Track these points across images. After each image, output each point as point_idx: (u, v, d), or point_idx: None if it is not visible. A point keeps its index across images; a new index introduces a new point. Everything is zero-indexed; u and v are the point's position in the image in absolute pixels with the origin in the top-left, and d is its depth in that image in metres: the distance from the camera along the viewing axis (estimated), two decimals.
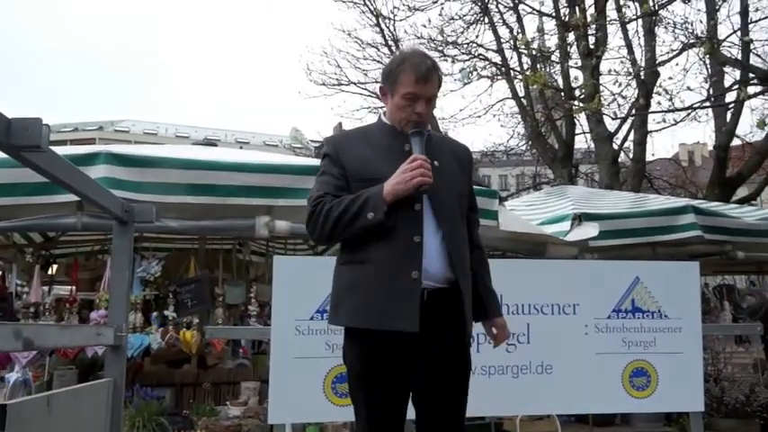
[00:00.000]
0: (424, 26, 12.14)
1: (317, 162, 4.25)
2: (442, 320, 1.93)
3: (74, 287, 5.33)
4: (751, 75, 8.26)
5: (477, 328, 2.20)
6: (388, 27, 12.02)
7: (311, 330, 3.14)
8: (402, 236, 1.90)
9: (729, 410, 4.86)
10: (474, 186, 2.28)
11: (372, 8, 11.89)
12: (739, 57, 8.48)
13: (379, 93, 2.22)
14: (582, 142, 11.76)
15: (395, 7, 11.74)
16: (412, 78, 1.98)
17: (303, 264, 3.62)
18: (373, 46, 12.34)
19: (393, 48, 12.10)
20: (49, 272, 5.79)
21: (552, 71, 11.75)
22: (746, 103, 9.42)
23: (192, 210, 3.64)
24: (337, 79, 12.59)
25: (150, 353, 4.90)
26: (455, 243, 1.97)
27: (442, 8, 12.77)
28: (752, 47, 8.65)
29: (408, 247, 1.90)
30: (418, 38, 11.71)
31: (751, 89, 8.21)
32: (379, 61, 12.41)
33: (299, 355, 3.10)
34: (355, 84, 12.64)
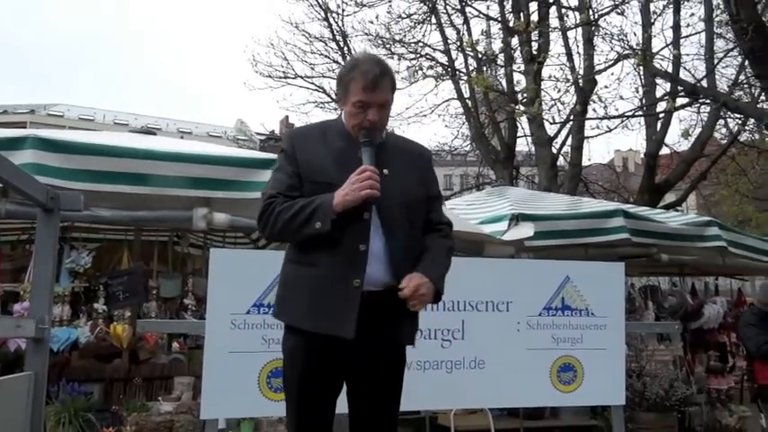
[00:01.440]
0: (372, 23, 12.14)
1: (258, 155, 4.21)
2: (378, 323, 1.98)
3: None
4: (679, 87, 8.71)
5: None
6: (336, 21, 11.97)
7: (247, 324, 3.11)
8: (348, 244, 1.95)
9: (650, 404, 5.11)
10: None
11: (321, 2, 11.82)
12: (670, 69, 8.93)
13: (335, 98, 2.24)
14: (523, 145, 12.07)
15: (343, 2, 11.68)
16: (360, 86, 2.00)
17: (241, 257, 3.58)
18: (321, 40, 12.27)
19: (341, 43, 12.06)
20: None
21: (497, 74, 12.01)
22: (675, 114, 9.96)
23: (126, 199, 3.52)
24: (284, 72, 12.42)
25: (78, 347, 4.72)
26: (397, 250, 2.01)
27: (390, 6, 12.79)
28: (681, 61, 9.15)
29: (353, 255, 1.95)
30: (366, 34, 11.74)
31: (679, 101, 8.66)
32: (326, 56, 12.35)
33: (233, 349, 3.07)
34: (302, 77, 12.49)
